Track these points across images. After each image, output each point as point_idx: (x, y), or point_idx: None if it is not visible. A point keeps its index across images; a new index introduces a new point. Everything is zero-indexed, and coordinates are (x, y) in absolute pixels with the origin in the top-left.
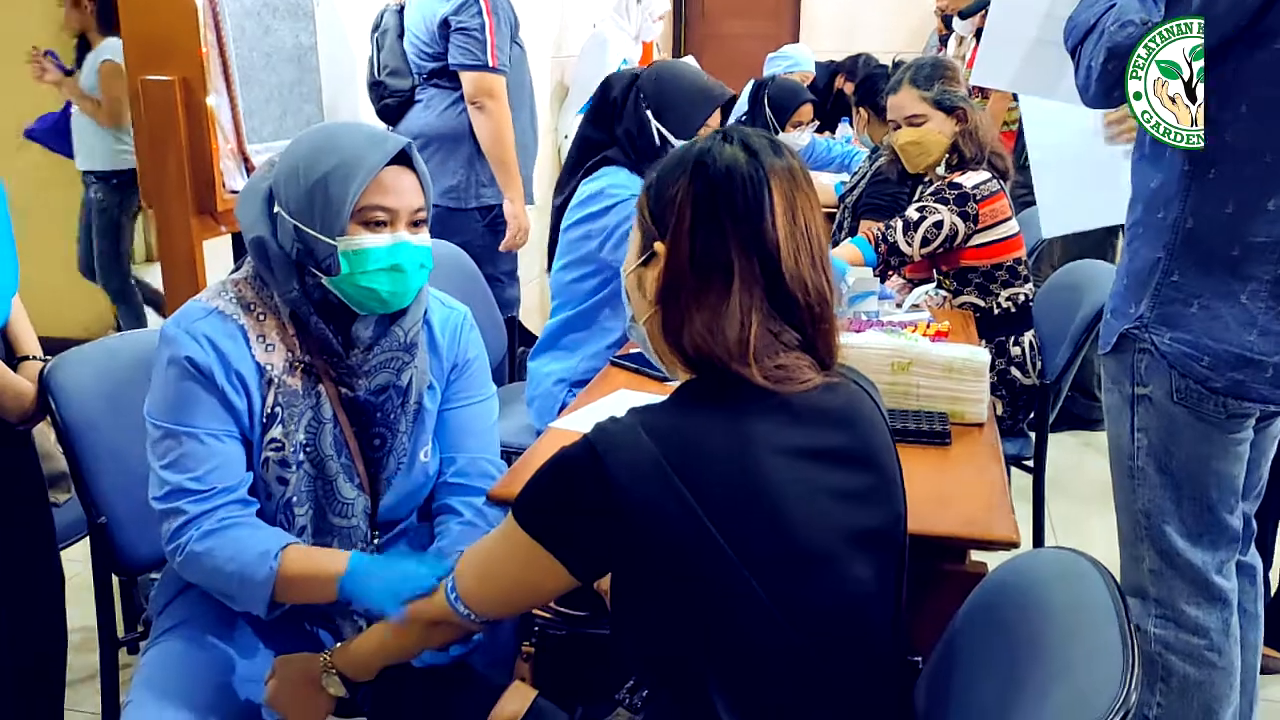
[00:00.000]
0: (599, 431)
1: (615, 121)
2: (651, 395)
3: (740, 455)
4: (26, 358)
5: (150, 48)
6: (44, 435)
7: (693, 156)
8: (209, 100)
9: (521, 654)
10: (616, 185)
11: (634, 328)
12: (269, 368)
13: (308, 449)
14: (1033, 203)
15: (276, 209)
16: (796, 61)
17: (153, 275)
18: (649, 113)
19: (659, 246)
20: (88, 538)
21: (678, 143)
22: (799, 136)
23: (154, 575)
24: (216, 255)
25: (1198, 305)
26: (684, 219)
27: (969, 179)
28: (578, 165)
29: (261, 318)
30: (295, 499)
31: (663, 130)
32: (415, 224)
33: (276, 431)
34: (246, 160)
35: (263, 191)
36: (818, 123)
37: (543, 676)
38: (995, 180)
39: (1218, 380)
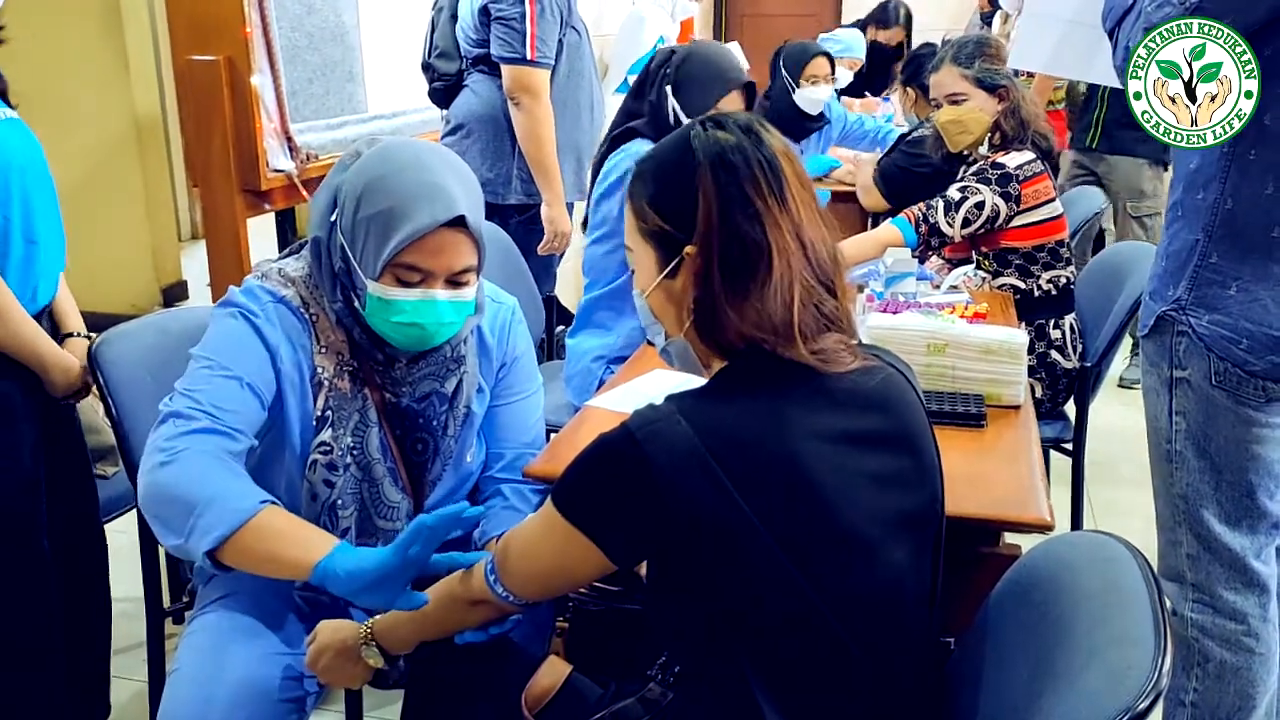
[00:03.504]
0: (638, 419)
1: (646, 93)
2: (688, 375)
3: (778, 441)
4: (71, 334)
5: (195, 28)
6: (93, 409)
7: (704, 151)
8: (253, 80)
9: (556, 628)
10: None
11: (672, 343)
12: (321, 370)
13: (354, 452)
14: (1091, 181)
15: (334, 218)
16: (848, 46)
17: (201, 252)
18: (668, 88)
19: (689, 250)
20: (134, 510)
21: (686, 120)
22: (816, 92)
23: None
24: (259, 233)
25: (1236, 288)
26: (712, 212)
27: (1012, 159)
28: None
29: (315, 319)
30: (340, 502)
31: (676, 108)
32: (456, 280)
33: (326, 435)
34: (290, 140)
35: (333, 189)
36: (836, 79)
37: (576, 651)
38: (1039, 160)
39: (1256, 363)
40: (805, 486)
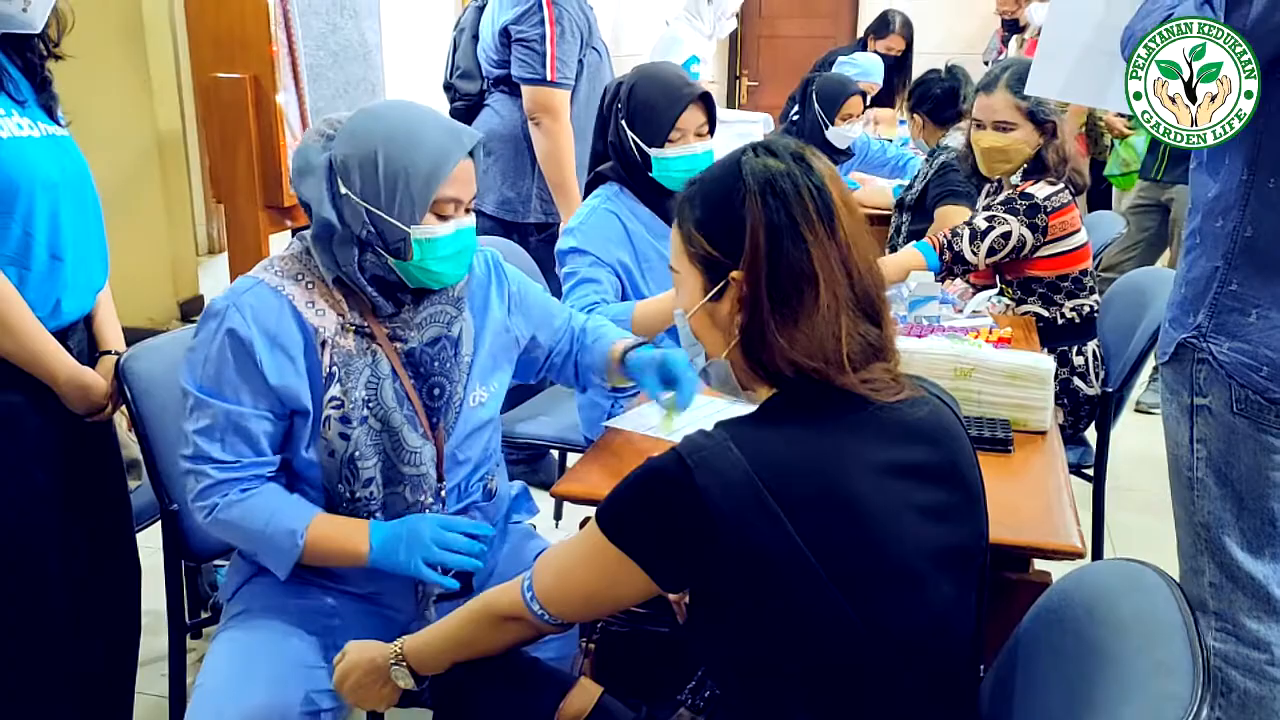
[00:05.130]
0: (689, 444)
1: (607, 134)
2: (709, 396)
3: (829, 470)
4: (107, 353)
5: (221, 46)
6: (117, 424)
7: (754, 178)
8: (278, 98)
9: (581, 648)
10: (578, 220)
11: (712, 364)
12: (321, 330)
13: (370, 404)
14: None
15: (344, 191)
16: (866, 71)
17: (217, 267)
18: (624, 122)
19: (736, 274)
20: (153, 525)
21: (651, 151)
22: (849, 129)
23: (218, 562)
24: (274, 248)
25: (1256, 315)
26: (760, 238)
27: (1040, 189)
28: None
29: (310, 286)
30: (358, 453)
31: (637, 140)
32: (468, 207)
33: (335, 390)
34: None
35: (322, 167)
36: (867, 115)
37: (603, 672)
38: (1067, 191)
39: (1277, 391)
40: (856, 517)
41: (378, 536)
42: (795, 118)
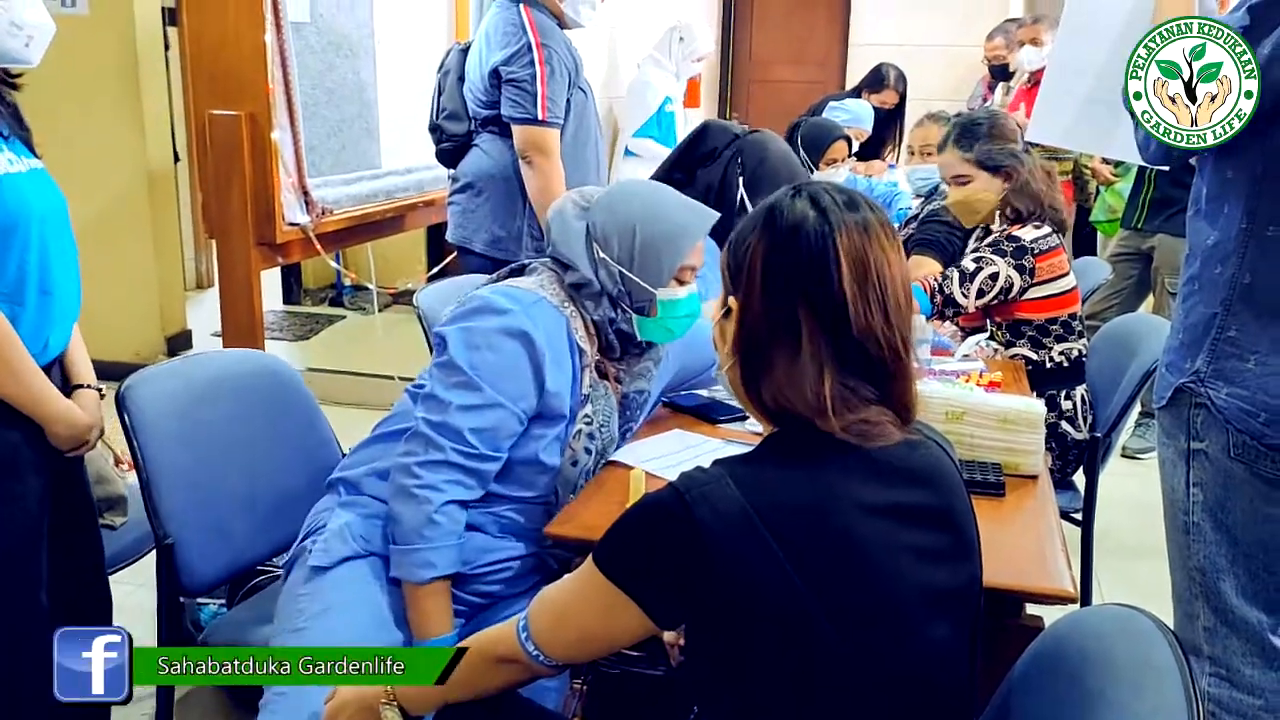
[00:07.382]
0: (687, 480)
1: (701, 168)
2: (704, 434)
3: (825, 510)
4: (81, 386)
5: (218, 83)
6: (102, 459)
7: (762, 214)
8: (273, 135)
9: (571, 689)
10: None
11: (719, 375)
12: (587, 354)
13: (603, 430)
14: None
15: (602, 255)
16: (856, 117)
17: (206, 302)
18: (740, 179)
19: (733, 301)
20: (138, 562)
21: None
22: (834, 174)
23: (202, 600)
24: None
25: (1255, 361)
26: (754, 275)
27: (1027, 233)
28: None
29: (574, 315)
30: (590, 470)
31: (746, 200)
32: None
33: (588, 409)
34: (307, 194)
35: (580, 233)
36: (854, 159)
37: (595, 714)
38: (1054, 235)
39: (1275, 436)
40: (851, 555)
41: (450, 640)
42: None
